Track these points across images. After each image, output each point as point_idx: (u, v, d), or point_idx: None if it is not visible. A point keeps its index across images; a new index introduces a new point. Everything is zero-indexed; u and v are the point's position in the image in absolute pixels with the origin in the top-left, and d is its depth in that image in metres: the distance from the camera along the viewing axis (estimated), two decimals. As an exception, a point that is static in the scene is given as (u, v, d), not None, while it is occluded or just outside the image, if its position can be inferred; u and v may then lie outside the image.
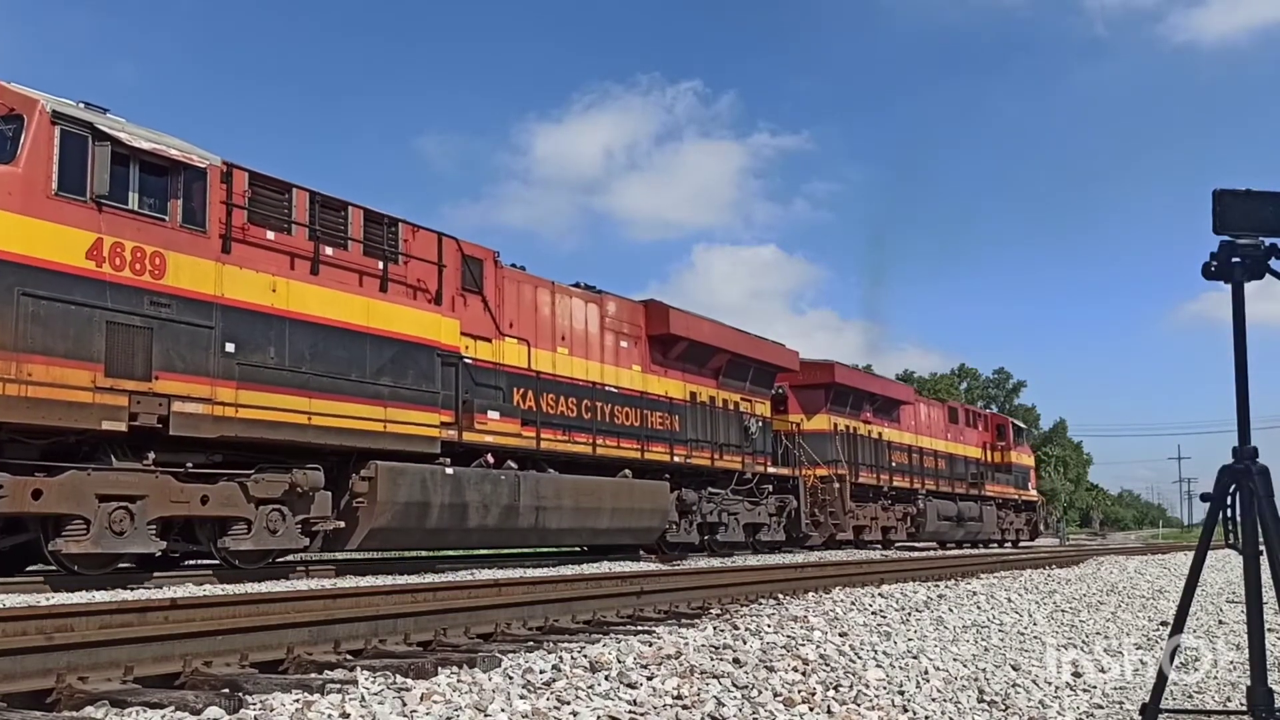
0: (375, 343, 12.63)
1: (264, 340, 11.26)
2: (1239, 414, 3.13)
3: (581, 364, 16.78)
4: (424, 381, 13.23)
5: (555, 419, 15.77)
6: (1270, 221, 3.08)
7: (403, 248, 13.61)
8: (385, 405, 12.59)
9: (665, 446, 18.21)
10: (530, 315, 15.87)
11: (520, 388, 15.22)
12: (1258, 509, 3.02)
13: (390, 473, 12.49)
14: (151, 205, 10.42)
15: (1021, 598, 9.57)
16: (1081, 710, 5.01)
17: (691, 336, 19.19)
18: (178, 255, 10.47)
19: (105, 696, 4.09)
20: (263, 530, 11.24)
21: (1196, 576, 3.19)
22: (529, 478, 14.71)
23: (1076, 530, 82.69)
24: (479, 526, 13.82)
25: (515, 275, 15.82)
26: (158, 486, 10.27)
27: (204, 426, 10.55)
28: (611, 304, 17.92)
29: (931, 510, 29.17)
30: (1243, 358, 3.12)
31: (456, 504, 13.36)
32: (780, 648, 5.50)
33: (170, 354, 10.29)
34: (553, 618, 7.06)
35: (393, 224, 13.48)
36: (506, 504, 14.15)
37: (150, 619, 5.23)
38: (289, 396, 11.43)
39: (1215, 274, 3.12)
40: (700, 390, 19.81)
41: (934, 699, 4.86)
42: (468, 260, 14.67)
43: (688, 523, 18.76)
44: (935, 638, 6.57)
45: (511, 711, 3.87)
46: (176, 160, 10.58)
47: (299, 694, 4.03)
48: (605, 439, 16.73)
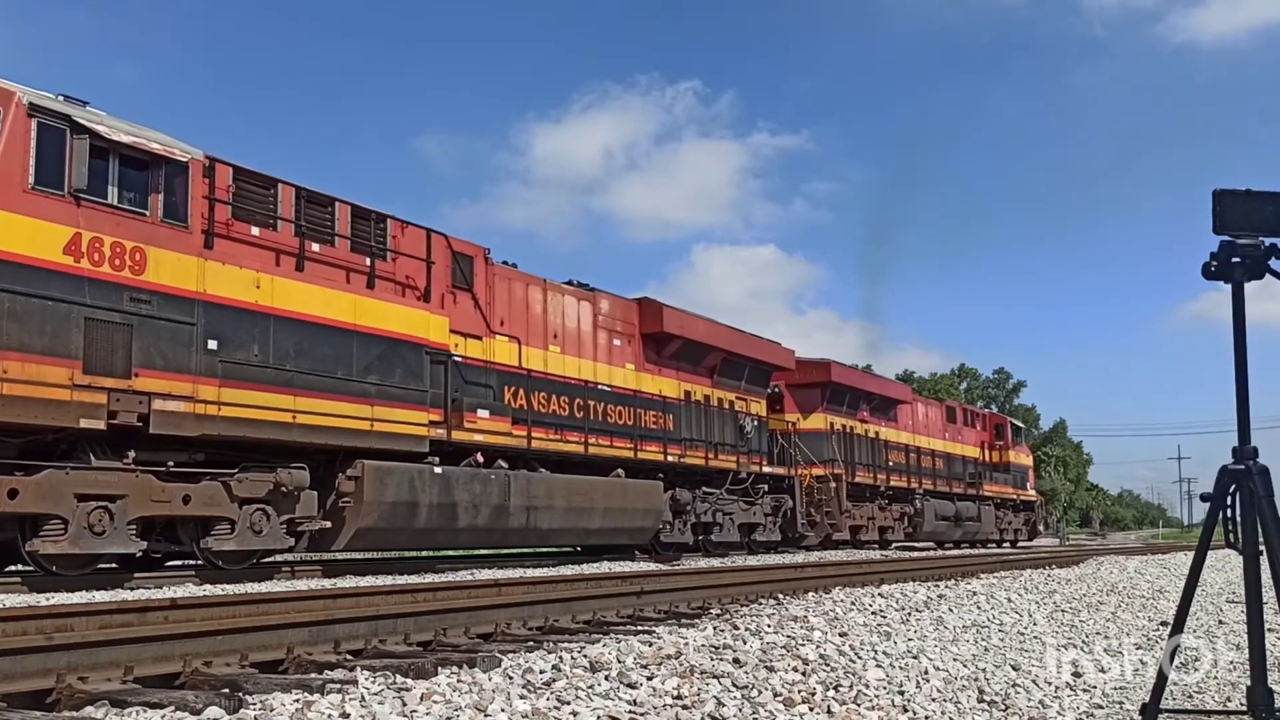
0: (362, 340, 12.42)
1: (247, 337, 11.08)
2: (1239, 414, 3.13)
3: (574, 362, 16.57)
4: (412, 379, 13.02)
5: (547, 418, 15.56)
6: (1270, 221, 3.08)
7: (391, 244, 13.41)
8: (372, 404, 12.39)
9: (659, 446, 18.00)
10: (521, 313, 15.68)
11: (511, 386, 15.01)
12: (1258, 509, 3.02)
13: (377, 472, 12.28)
14: (131, 200, 10.24)
15: (1021, 598, 9.54)
16: (1081, 710, 4.99)
17: (686, 335, 19.02)
18: (159, 251, 10.29)
19: (105, 696, 4.09)
20: (246, 530, 11.07)
21: (1196, 576, 3.19)
22: (520, 477, 14.49)
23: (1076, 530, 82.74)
24: (469, 526, 13.61)
25: (506, 273, 15.61)
26: (138, 486, 10.10)
27: (185, 425, 10.37)
28: (605, 302, 17.68)
29: (929, 510, 28.97)
30: (1243, 358, 3.12)
31: (445, 504, 13.15)
32: (780, 648, 5.49)
33: (151, 351, 10.11)
34: (553, 618, 7.06)
35: (381, 220, 13.31)
36: (497, 504, 13.94)
37: (150, 619, 5.25)
38: (273, 395, 11.25)
39: (1215, 274, 3.12)
40: (695, 389, 19.61)
41: (934, 699, 4.84)
42: (457, 257, 14.48)
43: (682, 523, 18.55)
44: (935, 638, 6.55)
45: (511, 711, 3.87)
46: (157, 154, 10.41)
47: (299, 694, 4.03)
48: (598, 438, 16.49)
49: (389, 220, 13.45)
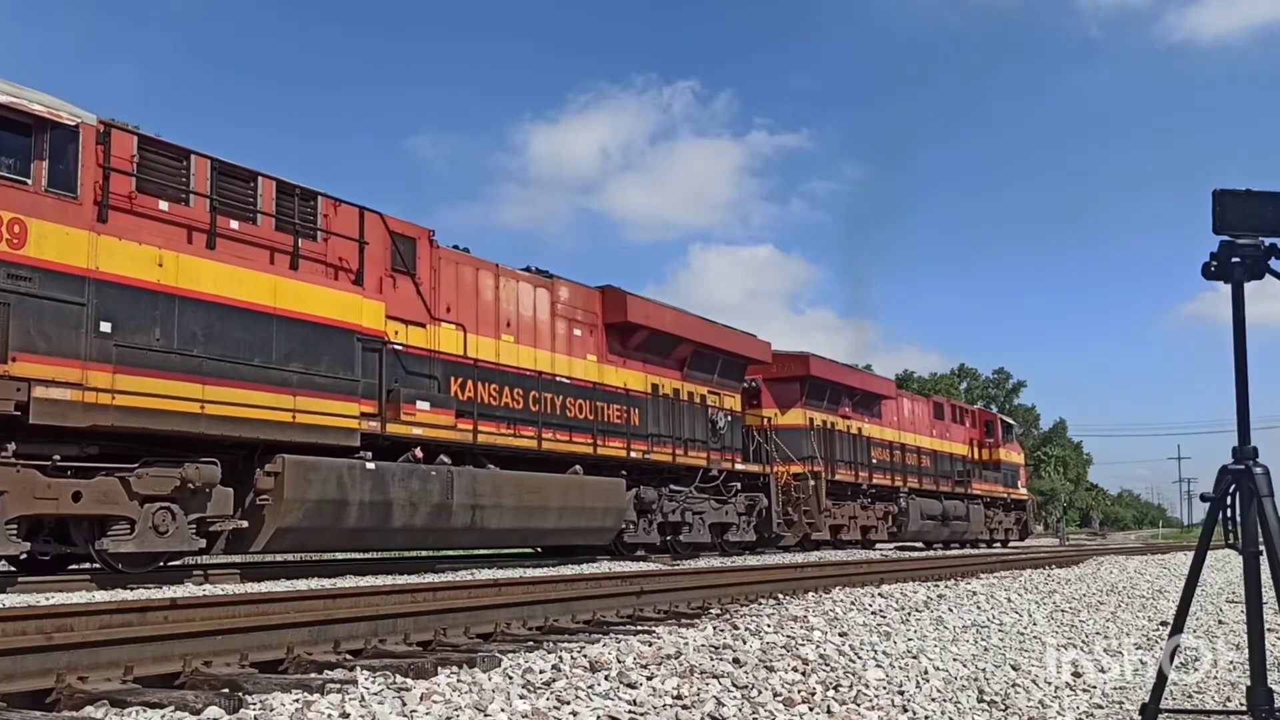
0: (284, 325, 11.40)
1: (148, 320, 10.16)
2: (1239, 414, 3.13)
3: (529, 352, 15.62)
4: (341, 368, 12.05)
5: (498, 411, 14.63)
6: (1270, 221, 3.07)
7: (322, 223, 12.40)
8: (294, 393, 11.41)
9: (622, 441, 16.98)
10: (471, 299, 14.72)
11: (458, 377, 14.08)
12: (1258, 509, 3.01)
13: (299, 467, 11.30)
14: (10, 166, 9.34)
15: (1021, 598, 9.53)
16: (1081, 710, 4.98)
17: (652, 325, 18.01)
18: (42, 223, 9.39)
19: (105, 696, 4.08)
20: (148, 531, 10.13)
21: (1196, 576, 3.20)
22: (464, 473, 13.57)
23: (1076, 530, 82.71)
24: (405, 526, 12.63)
25: (454, 256, 14.66)
26: (18, 481, 9.17)
27: (72, 414, 9.43)
28: (564, 289, 16.69)
29: (914, 509, 27.95)
30: (1243, 358, 3.11)
31: (379, 502, 12.18)
32: (780, 648, 5.49)
33: (31, 333, 9.20)
34: (552, 618, 7.07)
35: (310, 197, 12.35)
36: (438, 502, 12.98)
37: (150, 619, 5.29)
38: (178, 382, 10.32)
39: (1215, 274, 3.11)
40: (663, 382, 18.63)
41: (934, 699, 4.84)
42: (397, 239, 13.50)
43: (647, 522, 17.56)
44: (935, 638, 6.55)
45: (511, 711, 3.86)
46: (41, 117, 9.51)
47: (299, 694, 4.02)
48: (555, 433, 15.53)
49: (319, 197, 12.46)
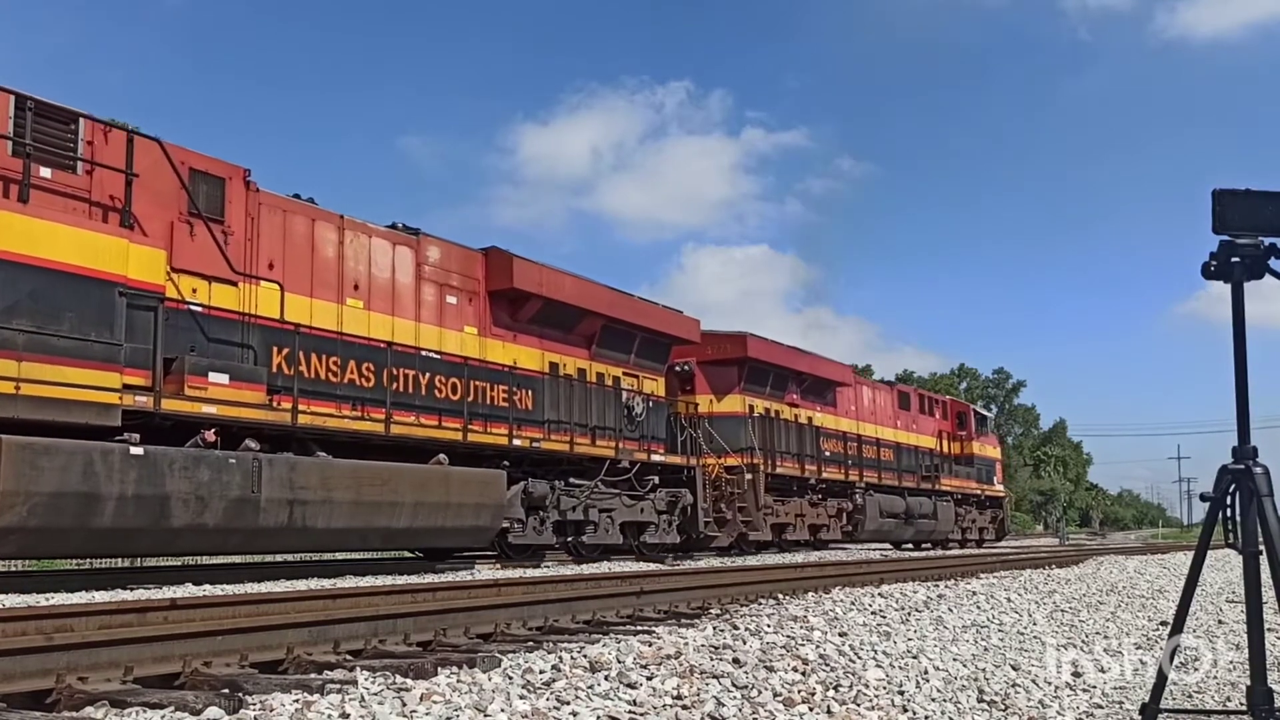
0: (4, 270, 9.24)
1: None
2: (1239, 414, 3.12)
3: (384, 320, 13.43)
4: (94, 328, 9.75)
5: (338, 389, 12.51)
6: (1270, 221, 3.07)
7: (84, 151, 10.28)
8: (20, 358, 9.19)
9: (506, 427, 14.70)
10: (303, 256, 12.54)
11: (281, 347, 11.90)
12: (1257, 509, 3.01)
13: (24, 452, 8.93)
14: None
15: (1021, 597, 9.54)
16: (1081, 710, 4.98)
17: (546, 294, 15.71)
18: None
19: (105, 697, 4.08)
20: None
21: (1196, 576, 3.19)
22: (279, 462, 11.23)
23: (1076, 530, 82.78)
24: (191, 526, 10.24)
25: (279, 202, 12.41)
26: None
27: None
28: (434, 249, 14.36)
29: (872, 506, 25.36)
30: (1242, 358, 3.11)
31: (148, 496, 9.84)
32: (780, 648, 5.48)
33: None
34: (552, 618, 7.05)
35: (70, 120, 10.23)
36: (237, 497, 10.65)
37: (150, 619, 5.28)
38: None
39: (1215, 274, 3.11)
40: (565, 361, 16.42)
41: (934, 699, 4.84)
42: (197, 176, 11.33)
43: (539, 521, 15.31)
44: (935, 638, 6.55)
45: (511, 711, 3.85)
46: None
47: (299, 694, 4.02)
48: (419, 416, 13.45)
49: (81, 120, 10.31)
